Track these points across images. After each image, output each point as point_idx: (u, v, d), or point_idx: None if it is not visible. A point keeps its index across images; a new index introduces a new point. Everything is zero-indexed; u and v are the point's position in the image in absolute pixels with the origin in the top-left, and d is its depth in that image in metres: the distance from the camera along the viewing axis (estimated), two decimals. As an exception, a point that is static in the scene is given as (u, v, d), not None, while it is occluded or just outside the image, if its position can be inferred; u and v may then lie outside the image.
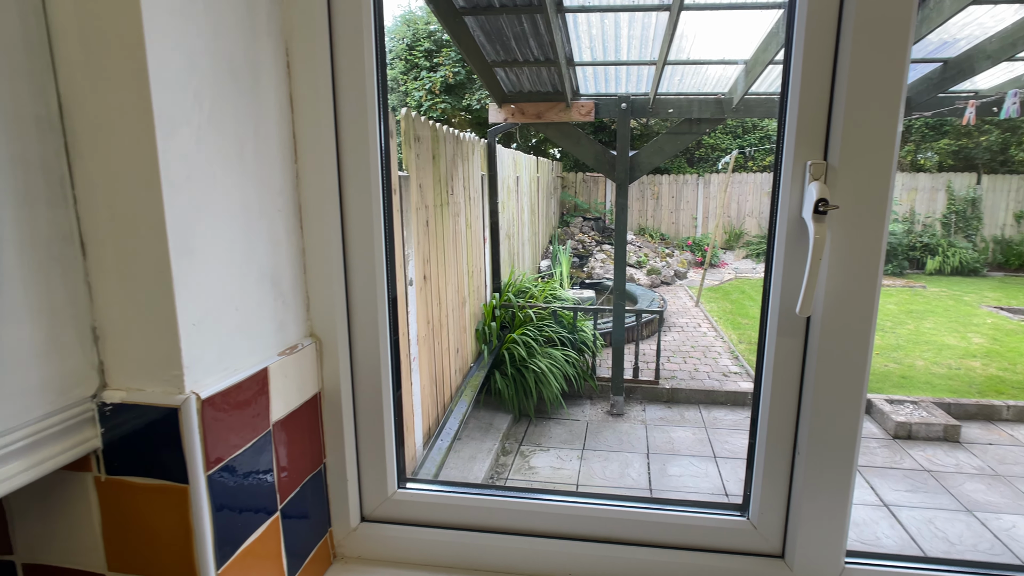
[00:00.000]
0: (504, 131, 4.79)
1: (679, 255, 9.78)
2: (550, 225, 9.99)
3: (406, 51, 9.80)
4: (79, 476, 0.53)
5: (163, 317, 0.49)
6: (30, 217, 0.44)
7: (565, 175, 11.79)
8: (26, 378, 0.44)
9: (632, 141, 4.60)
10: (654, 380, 4.58)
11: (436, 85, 9.45)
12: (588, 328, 4.79)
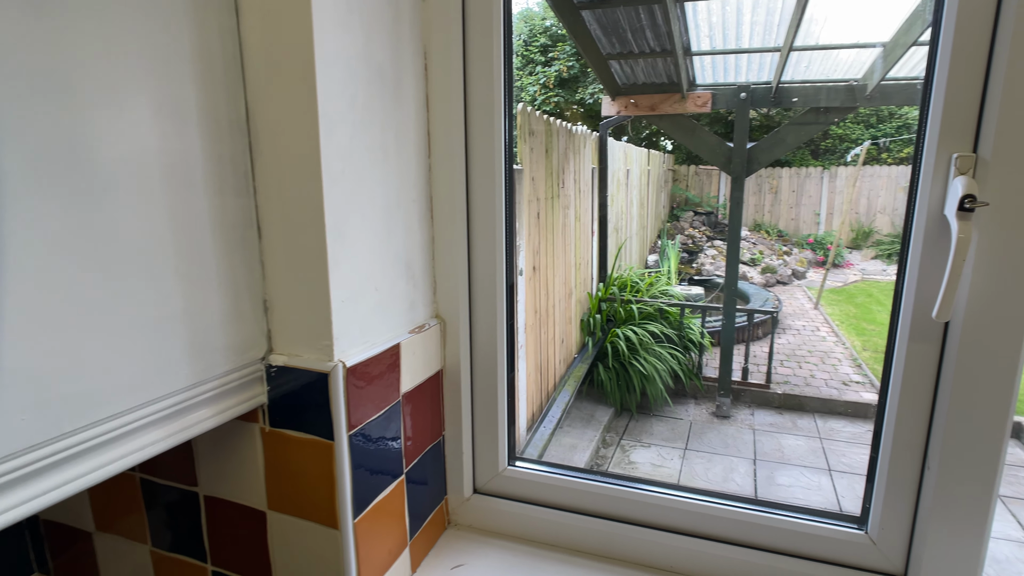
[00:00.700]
0: (616, 124, 4.72)
1: (798, 253, 9.09)
2: (659, 219, 9.69)
3: (522, 47, 9.92)
4: (249, 426, 0.62)
5: (319, 293, 0.56)
6: (221, 205, 0.52)
7: (677, 168, 11.37)
8: (216, 340, 0.52)
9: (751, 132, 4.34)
10: (764, 384, 4.33)
11: (550, 79, 9.49)
12: (695, 326, 4.62)
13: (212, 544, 0.68)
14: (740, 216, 3.95)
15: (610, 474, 0.83)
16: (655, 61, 3.57)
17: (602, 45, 3.37)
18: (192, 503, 0.67)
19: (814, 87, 3.82)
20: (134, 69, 0.44)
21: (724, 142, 4.05)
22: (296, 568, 0.64)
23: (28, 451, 0.39)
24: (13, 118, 0.37)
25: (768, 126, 10.57)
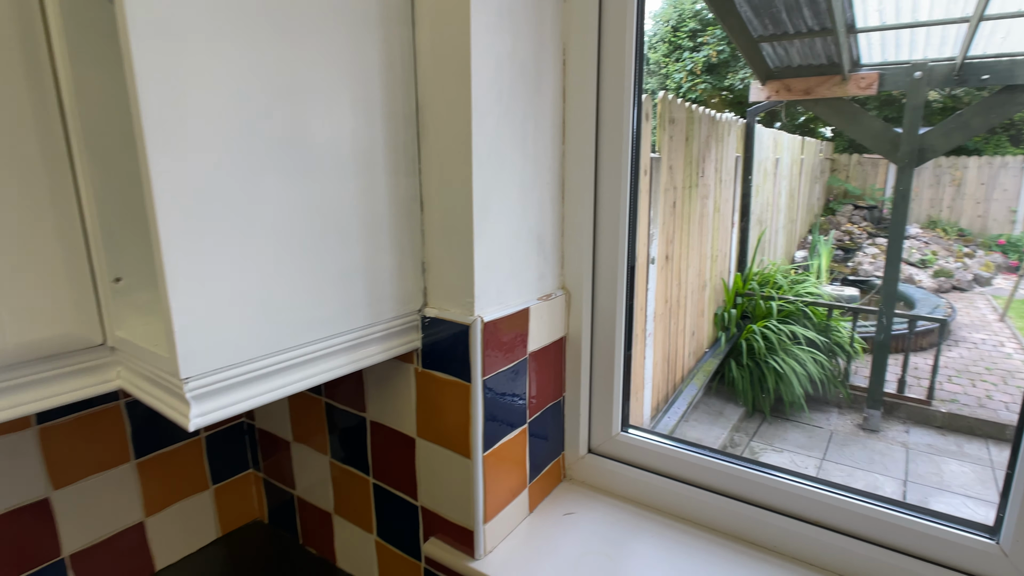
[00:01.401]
0: (766, 110, 4.41)
1: (983, 256, 7.78)
2: (811, 212, 8.84)
3: (670, 33, 9.54)
4: (405, 366, 0.74)
5: (465, 259, 0.66)
6: (395, 183, 0.64)
7: (836, 157, 10.25)
8: (385, 291, 0.65)
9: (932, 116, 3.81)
10: (925, 400, 3.83)
11: (698, 65, 9.04)
12: (845, 329, 4.21)
13: (374, 460, 0.83)
14: (906, 211, 3.51)
15: (724, 452, 0.85)
16: (812, 41, 3.29)
17: (753, 27, 3.18)
18: (361, 426, 0.82)
19: (1010, 61, 3.25)
20: (339, 75, 0.56)
21: (891, 128, 3.61)
22: (435, 487, 0.76)
23: (261, 358, 0.53)
24: (264, 115, 0.50)
25: (954, 108, 9.10)
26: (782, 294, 4.51)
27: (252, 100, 0.49)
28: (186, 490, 0.96)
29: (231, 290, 0.49)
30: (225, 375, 0.50)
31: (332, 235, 0.57)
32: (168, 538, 0.94)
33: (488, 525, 0.75)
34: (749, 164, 4.60)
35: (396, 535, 0.84)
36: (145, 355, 0.51)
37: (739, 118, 4.33)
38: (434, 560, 0.79)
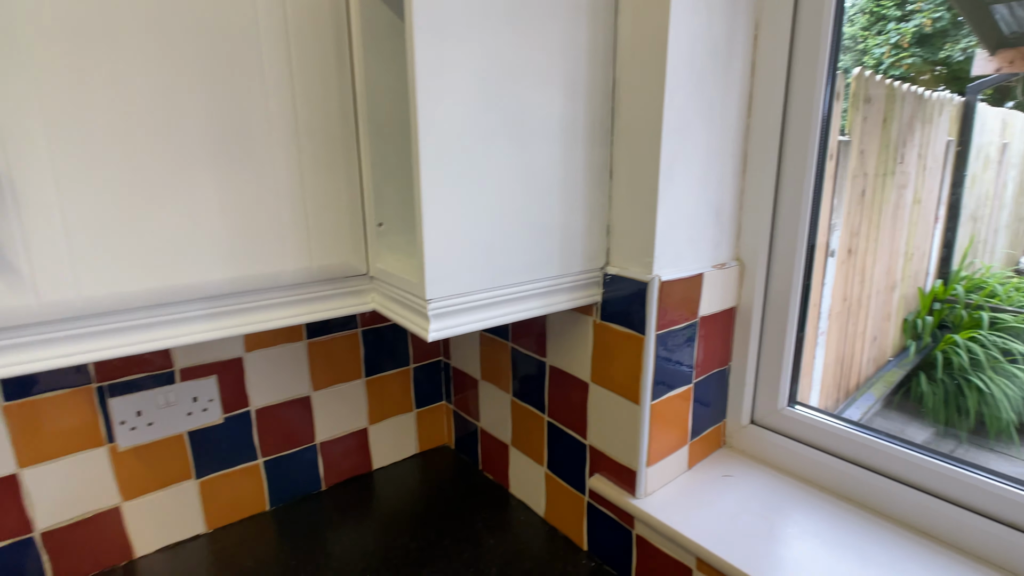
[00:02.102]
0: (994, 84, 3.70)
1: None
2: (1050, 210, 7.18)
3: (872, 2, 8.34)
4: (585, 318, 0.83)
5: (647, 222, 0.72)
6: (590, 152, 0.72)
7: (1095, 143, 8.15)
8: (575, 247, 0.73)
9: None
10: None
11: (905, 37, 7.80)
12: (1086, 349, 3.41)
13: (550, 401, 0.93)
14: None
15: (900, 438, 0.81)
16: (1070, 0, 2.68)
17: (984, -12, 2.69)
18: (540, 369, 0.93)
19: None
20: (553, 58, 0.65)
21: None
22: (604, 428, 0.84)
23: (480, 292, 0.65)
24: (497, 90, 0.61)
25: None
26: (997, 303, 3.79)
27: (490, 78, 0.60)
28: (397, 409, 1.16)
29: (465, 234, 0.62)
30: (456, 301, 0.63)
31: (538, 194, 0.67)
32: (382, 445, 1.15)
33: (650, 469, 0.81)
34: (965, 150, 3.90)
35: (564, 469, 0.93)
36: (399, 282, 0.66)
37: (956, 96, 3.70)
38: (597, 494, 0.87)
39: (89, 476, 0.85)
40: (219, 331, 0.64)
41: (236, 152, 0.60)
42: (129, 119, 0.54)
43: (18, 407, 0.78)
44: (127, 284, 0.56)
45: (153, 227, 0.57)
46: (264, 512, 1.03)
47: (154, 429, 0.89)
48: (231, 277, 0.62)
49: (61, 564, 0.85)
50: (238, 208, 0.61)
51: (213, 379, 0.93)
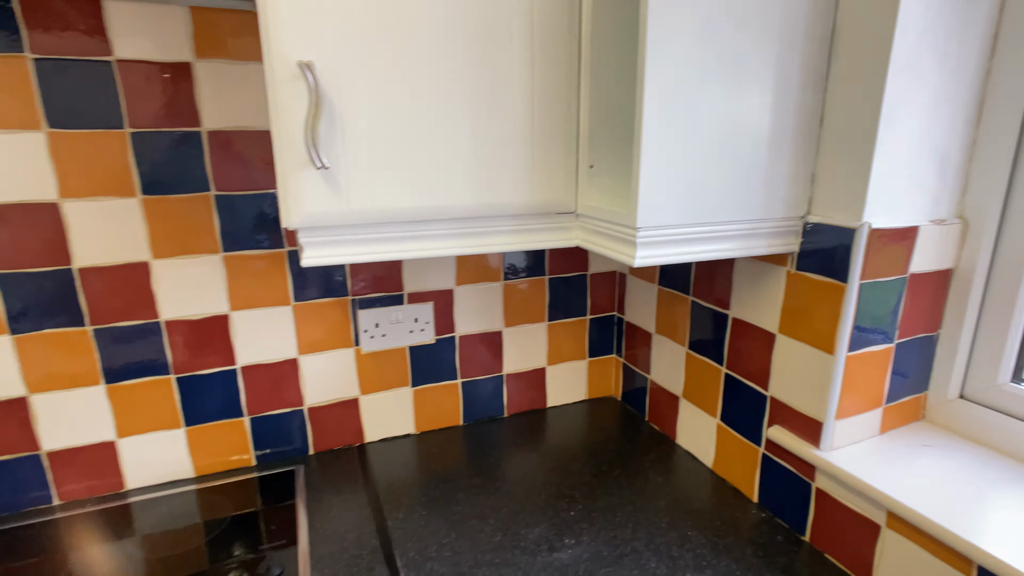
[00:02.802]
0: None
1: None
2: None
3: None
4: (777, 268, 0.83)
5: (861, 168, 0.70)
6: (801, 99, 0.72)
7: None
8: (778, 193, 0.74)
9: None
10: None
11: None
12: None
13: (729, 353, 0.94)
14: None
15: None
16: None
17: None
18: (721, 322, 0.95)
19: None
20: (774, 5, 0.67)
21: None
22: (788, 380, 0.83)
23: (684, 226, 0.70)
24: (717, 36, 0.65)
25: None
26: None
27: (712, 23, 0.64)
28: (571, 356, 1.25)
29: (675, 171, 0.67)
30: (661, 232, 0.68)
31: (746, 138, 0.70)
32: (556, 386, 1.25)
33: (838, 423, 0.79)
34: None
35: (739, 420, 0.94)
36: (606, 215, 0.73)
37: None
38: (777, 445, 0.87)
39: (340, 370, 1.06)
40: (461, 249, 0.76)
41: (486, 101, 0.72)
42: (415, 69, 0.68)
43: (303, 307, 1.01)
44: (404, 200, 0.71)
45: (424, 158, 0.71)
46: (458, 426, 1.18)
47: (387, 340, 1.08)
48: (474, 203, 0.74)
49: (319, 434, 1.08)
50: (484, 146, 0.73)
51: (430, 305, 1.09)
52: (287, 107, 0.64)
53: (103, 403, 0.93)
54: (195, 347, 0.96)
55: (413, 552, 0.82)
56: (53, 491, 0.94)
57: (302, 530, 0.87)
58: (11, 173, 0.81)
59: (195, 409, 0.99)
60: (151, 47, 0.84)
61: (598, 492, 0.96)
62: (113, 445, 0.96)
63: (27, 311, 0.86)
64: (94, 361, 0.91)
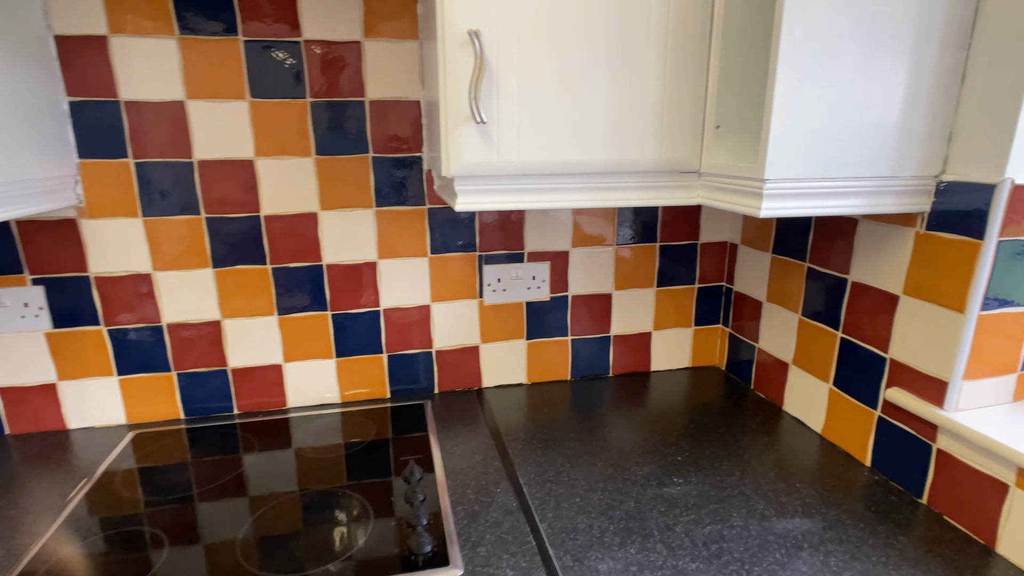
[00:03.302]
0: None
1: None
2: None
3: None
4: (903, 229, 0.83)
5: (1006, 124, 0.70)
6: (941, 57, 0.72)
7: None
8: (913, 151, 0.75)
9: None
10: None
11: None
12: None
13: (846, 317, 0.95)
14: None
15: None
16: None
17: None
18: (839, 287, 0.96)
19: None
20: (916, -35, 0.68)
21: None
22: (911, 341, 0.84)
23: (811, 180, 0.73)
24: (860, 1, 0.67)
25: None
26: None
27: (853, -15, 0.67)
28: (677, 323, 1.29)
29: (804, 125, 0.70)
30: (788, 185, 0.72)
31: (880, 96, 0.72)
32: (660, 351, 1.30)
33: (965, 383, 0.78)
34: None
35: (853, 384, 0.95)
36: (732, 171, 0.78)
37: None
38: (896, 406, 0.87)
39: (465, 318, 1.18)
40: (591, 202, 0.84)
41: (622, 65, 0.79)
42: (561, 35, 0.76)
43: (437, 259, 1.13)
44: (545, 155, 0.80)
45: (564, 116, 0.79)
46: (566, 380, 1.27)
47: (507, 294, 1.18)
48: (606, 159, 0.82)
49: (443, 376, 1.21)
50: (618, 105, 0.80)
51: (547, 264, 1.19)
52: (455, 71, 0.75)
53: (275, 331, 1.11)
54: (348, 288, 1.12)
55: (533, 475, 0.92)
56: (234, 402, 1.14)
57: (435, 449, 0.99)
58: (223, 135, 1.00)
59: (344, 343, 1.15)
60: (330, 29, 0.99)
61: (704, 444, 1.00)
62: (280, 368, 1.14)
63: (225, 250, 1.05)
64: (271, 295, 1.09)
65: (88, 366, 1.06)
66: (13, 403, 1.06)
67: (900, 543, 0.76)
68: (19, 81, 0.84)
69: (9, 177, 0.79)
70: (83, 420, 1.09)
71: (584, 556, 0.74)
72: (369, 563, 0.73)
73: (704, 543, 0.76)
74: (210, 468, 0.95)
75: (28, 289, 1.01)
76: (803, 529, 0.79)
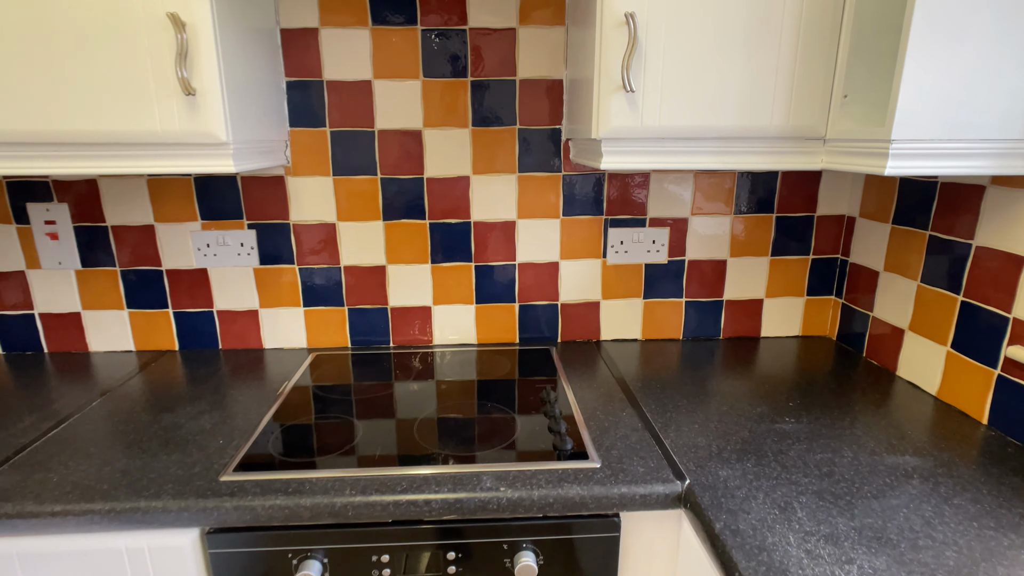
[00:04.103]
0: None
1: None
2: None
3: None
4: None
5: None
6: (1079, 25, 0.78)
7: None
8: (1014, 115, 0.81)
9: None
10: None
11: None
12: None
13: (968, 282, 1.01)
14: None
15: None
16: None
17: None
18: (962, 252, 1.01)
19: None
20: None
21: None
22: (1037, 300, 0.89)
23: (937, 141, 0.81)
24: (988, -27, 0.75)
25: None
26: None
27: (988, -40, 0.75)
28: (789, 291, 1.37)
29: (933, 88, 0.79)
30: (914, 145, 0.81)
31: (1012, 61, 0.79)
32: (771, 318, 1.39)
33: (1092, 339, 0.83)
34: None
35: (973, 345, 1.00)
36: (857, 135, 0.87)
37: None
38: (1018, 364, 0.92)
39: (589, 276, 1.34)
40: (721, 164, 0.97)
41: (758, 37, 0.91)
42: (703, 14, 0.90)
43: (567, 221, 1.30)
44: (682, 120, 0.94)
45: (701, 85, 0.92)
46: (678, 339, 1.39)
47: (628, 255, 1.33)
48: (737, 125, 0.94)
49: (566, 327, 1.38)
50: (752, 76, 0.92)
51: (666, 230, 1.32)
52: (609, 48, 0.91)
53: (427, 278, 1.33)
54: (490, 244, 1.31)
55: (654, 406, 1.06)
56: (390, 336, 1.37)
57: (564, 383, 1.16)
58: (401, 109, 1.22)
59: (483, 291, 1.34)
60: (492, 18, 1.18)
61: (815, 395, 1.09)
62: (429, 310, 1.35)
63: (394, 205, 1.28)
64: (426, 246, 1.31)
65: (282, 297, 1.33)
66: (226, 323, 1.35)
67: (1014, 483, 0.82)
68: (260, 65, 1.09)
69: (253, 136, 1.05)
70: (275, 342, 1.36)
71: (705, 464, 0.87)
72: (525, 453, 0.91)
73: (815, 465, 0.87)
74: (373, 388, 1.18)
75: (244, 232, 1.29)
76: (913, 464, 0.87)
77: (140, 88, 0.90)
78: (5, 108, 0.89)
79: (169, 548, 0.83)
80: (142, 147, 0.94)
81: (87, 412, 1.07)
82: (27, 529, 0.80)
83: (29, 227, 1.27)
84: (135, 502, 0.80)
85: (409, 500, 0.81)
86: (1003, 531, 0.72)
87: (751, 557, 0.67)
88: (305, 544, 0.83)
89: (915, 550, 0.68)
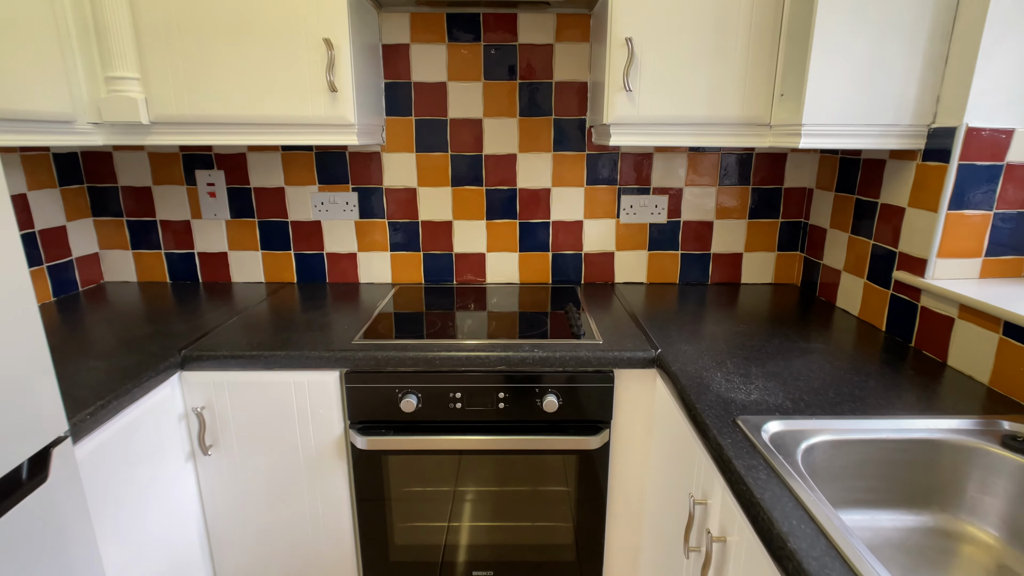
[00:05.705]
0: None
1: None
2: None
3: None
4: (909, 163, 1.33)
5: (963, 86, 1.18)
6: (928, 47, 1.23)
7: None
8: (906, 108, 1.26)
9: None
10: None
11: None
12: None
13: (876, 230, 1.45)
14: None
15: None
16: None
17: None
18: (873, 208, 1.46)
19: None
20: (906, -7, 1.20)
21: None
22: (910, 236, 1.33)
23: (834, 124, 1.27)
24: None
25: None
26: None
27: (859, 8, 1.20)
28: (764, 247, 1.82)
29: (827, 88, 1.24)
30: (818, 128, 1.27)
31: (881, 71, 1.24)
32: (749, 268, 1.84)
33: (939, 260, 1.27)
34: None
35: (877, 274, 1.44)
36: (788, 120, 1.33)
37: None
38: (899, 282, 1.36)
39: (606, 232, 1.82)
40: (696, 142, 1.44)
41: (719, 55, 1.38)
42: (680, 38, 1.37)
43: (590, 189, 1.79)
44: (666, 111, 1.41)
45: (679, 87, 1.40)
46: (675, 283, 1.86)
47: (636, 216, 1.80)
48: (706, 114, 1.41)
49: (588, 271, 1.86)
50: (716, 80, 1.39)
51: (666, 197, 1.79)
52: (615, 60, 1.39)
53: (483, 231, 1.83)
54: (530, 205, 1.81)
55: (658, 331, 1.53)
56: (454, 276, 1.88)
57: (585, 308, 1.64)
58: (467, 103, 1.73)
59: (525, 242, 1.84)
60: (536, 36, 1.68)
61: (773, 321, 1.55)
62: (483, 256, 1.86)
63: (459, 175, 1.79)
64: (483, 206, 1.81)
65: (374, 244, 1.86)
66: (332, 263, 1.88)
67: (884, 358, 1.26)
68: (370, 71, 1.62)
69: (367, 121, 1.57)
70: (368, 278, 1.89)
71: (674, 344, 1.35)
72: (553, 334, 1.40)
73: (750, 348, 1.33)
74: (442, 316, 1.69)
75: (349, 194, 1.82)
76: (818, 347, 1.32)
77: (302, 87, 1.43)
78: (214, 99, 1.43)
79: (321, 383, 1.35)
80: (300, 127, 1.47)
81: (244, 314, 1.61)
82: (235, 365, 1.33)
83: (195, 188, 1.83)
84: (301, 351, 1.33)
85: (475, 355, 1.31)
86: (858, 374, 1.17)
87: (691, 383, 1.15)
88: (407, 383, 1.34)
89: (796, 379, 1.14)
